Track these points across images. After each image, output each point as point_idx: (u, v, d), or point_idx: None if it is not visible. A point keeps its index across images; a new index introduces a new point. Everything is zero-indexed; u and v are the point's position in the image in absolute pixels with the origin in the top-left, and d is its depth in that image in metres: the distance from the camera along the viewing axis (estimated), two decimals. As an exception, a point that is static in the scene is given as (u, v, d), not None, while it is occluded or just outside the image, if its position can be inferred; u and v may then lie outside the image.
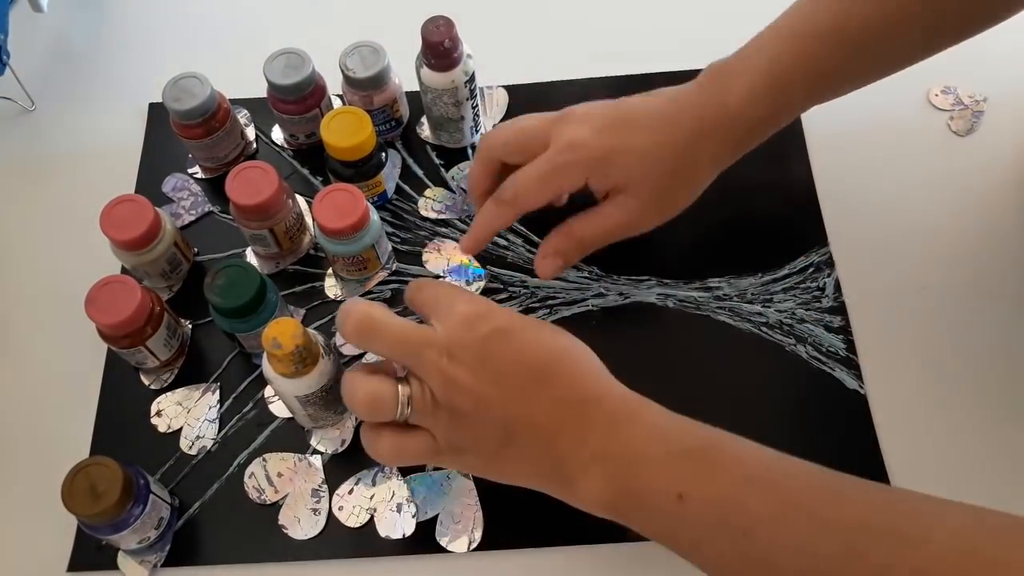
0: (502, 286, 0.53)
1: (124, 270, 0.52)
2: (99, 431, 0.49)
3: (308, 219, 0.54)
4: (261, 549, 0.46)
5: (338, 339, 0.51)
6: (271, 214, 0.50)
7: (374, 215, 0.50)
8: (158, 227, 0.49)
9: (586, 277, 0.53)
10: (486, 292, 0.53)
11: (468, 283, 0.53)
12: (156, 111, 0.60)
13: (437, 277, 0.53)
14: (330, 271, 0.54)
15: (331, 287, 0.53)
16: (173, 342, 0.49)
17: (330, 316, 0.52)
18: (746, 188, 0.55)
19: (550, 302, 0.52)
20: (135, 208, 0.48)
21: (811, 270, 0.52)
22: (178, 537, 0.46)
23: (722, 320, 0.51)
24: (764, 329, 0.50)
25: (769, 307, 0.51)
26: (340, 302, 0.52)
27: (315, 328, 0.51)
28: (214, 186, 0.57)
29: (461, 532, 0.45)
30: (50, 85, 0.63)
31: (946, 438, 0.48)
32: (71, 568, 0.45)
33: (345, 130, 0.50)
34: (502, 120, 0.59)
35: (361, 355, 0.51)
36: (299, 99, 0.54)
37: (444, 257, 0.54)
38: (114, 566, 0.45)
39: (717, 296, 0.52)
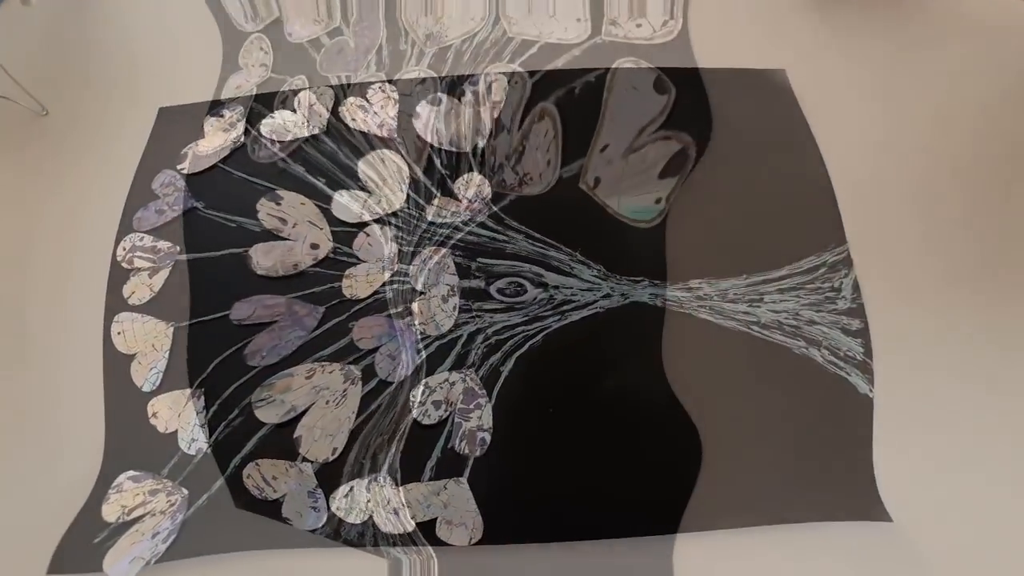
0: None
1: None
2: (110, 432, 0.49)
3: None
4: (267, 538, 0.46)
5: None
6: None
7: None
8: None
9: (596, 276, 0.53)
10: (482, 293, 0.54)
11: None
12: (164, 115, 0.61)
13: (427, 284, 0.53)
14: (348, 272, 0.54)
15: (348, 287, 0.54)
16: None
17: (347, 314, 0.52)
18: (756, 188, 0.55)
19: (563, 308, 0.52)
20: None
21: (823, 270, 0.52)
22: (185, 527, 0.46)
23: (721, 320, 0.52)
24: (769, 330, 0.51)
25: (777, 306, 0.52)
26: (356, 301, 0.53)
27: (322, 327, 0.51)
28: (200, 182, 0.58)
29: (461, 531, 0.46)
30: (61, 90, 0.62)
31: (945, 440, 0.47)
32: (51, 571, 0.45)
33: None
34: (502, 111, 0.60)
35: (373, 351, 0.52)
36: None
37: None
38: (97, 568, 0.45)
39: (717, 295, 0.52)
